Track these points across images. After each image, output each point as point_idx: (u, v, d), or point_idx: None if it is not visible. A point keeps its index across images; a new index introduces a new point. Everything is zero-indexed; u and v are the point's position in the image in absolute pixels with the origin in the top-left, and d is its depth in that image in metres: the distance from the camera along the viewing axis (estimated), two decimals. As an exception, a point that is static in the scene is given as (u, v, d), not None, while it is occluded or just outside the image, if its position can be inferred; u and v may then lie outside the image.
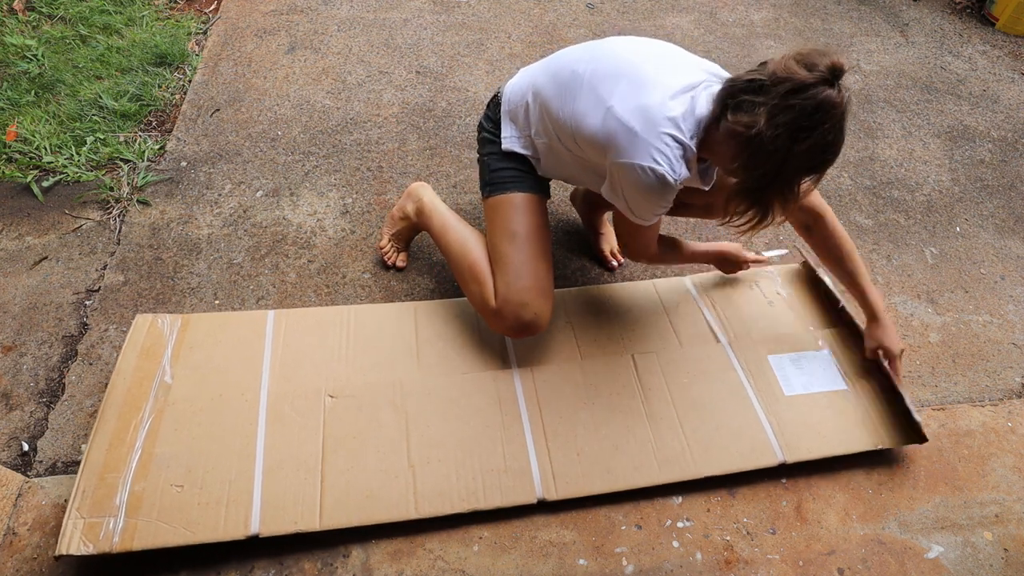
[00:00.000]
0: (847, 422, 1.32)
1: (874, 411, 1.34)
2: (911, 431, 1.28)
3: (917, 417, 1.27)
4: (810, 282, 1.58)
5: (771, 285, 1.57)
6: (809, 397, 1.35)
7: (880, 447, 1.28)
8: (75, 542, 1.05)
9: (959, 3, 2.73)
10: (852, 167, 1.99)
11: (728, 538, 1.20)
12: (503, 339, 1.40)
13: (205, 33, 2.30)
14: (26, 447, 1.28)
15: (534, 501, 1.18)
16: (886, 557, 1.19)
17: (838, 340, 1.46)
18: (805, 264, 1.60)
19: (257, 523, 1.10)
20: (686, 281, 1.57)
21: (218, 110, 2.01)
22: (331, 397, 1.28)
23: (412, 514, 1.14)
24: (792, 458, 1.26)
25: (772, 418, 1.31)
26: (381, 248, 1.61)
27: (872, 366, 1.39)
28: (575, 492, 1.20)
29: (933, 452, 1.34)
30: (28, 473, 1.24)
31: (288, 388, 1.28)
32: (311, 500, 1.14)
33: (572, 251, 1.69)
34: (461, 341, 1.40)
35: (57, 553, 1.04)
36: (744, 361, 1.40)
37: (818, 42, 2.47)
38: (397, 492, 1.16)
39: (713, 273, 1.59)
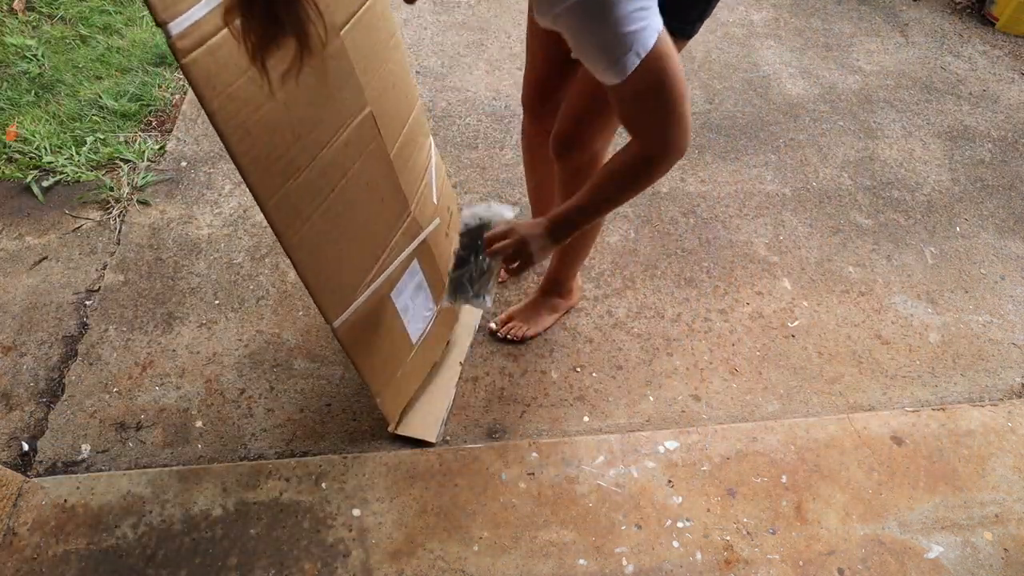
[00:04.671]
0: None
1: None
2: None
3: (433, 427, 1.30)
4: None
5: None
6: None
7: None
8: None
9: (959, 3, 2.73)
10: (852, 167, 1.99)
11: (728, 538, 1.20)
12: None
13: (205, 33, 2.30)
14: (26, 447, 1.28)
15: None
16: (886, 557, 1.19)
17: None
18: None
19: None
20: None
21: (218, 110, 2.01)
22: None
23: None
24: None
25: None
26: None
27: None
28: None
29: (933, 452, 1.34)
30: (28, 473, 1.24)
31: None
32: None
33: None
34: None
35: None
36: None
37: (818, 42, 2.47)
38: None
39: None
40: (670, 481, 1.26)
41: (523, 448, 1.29)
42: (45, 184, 1.75)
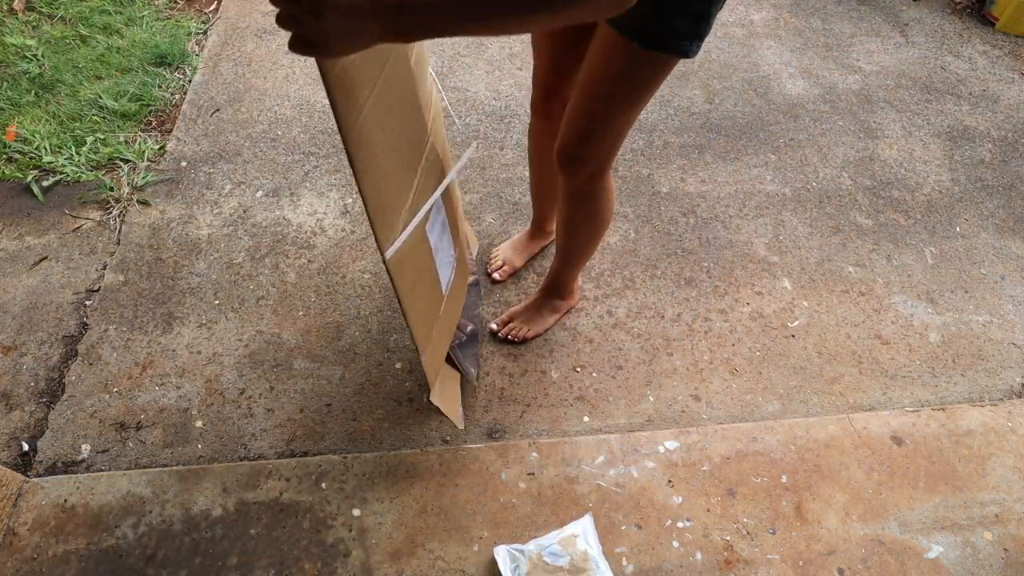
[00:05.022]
0: None
1: None
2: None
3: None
4: None
5: None
6: None
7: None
8: None
9: (959, 3, 2.73)
10: (852, 167, 1.99)
11: (728, 538, 1.20)
12: None
13: (205, 33, 2.30)
14: (26, 447, 1.28)
15: None
16: (886, 557, 1.19)
17: None
18: None
19: None
20: None
21: (218, 110, 2.01)
22: None
23: None
24: None
25: None
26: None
27: None
28: None
29: (933, 452, 1.34)
30: (28, 473, 1.24)
31: None
32: None
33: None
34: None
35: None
36: None
37: (818, 42, 2.47)
38: None
39: None
40: (670, 481, 1.26)
41: (523, 448, 1.29)
42: (45, 184, 1.75)
